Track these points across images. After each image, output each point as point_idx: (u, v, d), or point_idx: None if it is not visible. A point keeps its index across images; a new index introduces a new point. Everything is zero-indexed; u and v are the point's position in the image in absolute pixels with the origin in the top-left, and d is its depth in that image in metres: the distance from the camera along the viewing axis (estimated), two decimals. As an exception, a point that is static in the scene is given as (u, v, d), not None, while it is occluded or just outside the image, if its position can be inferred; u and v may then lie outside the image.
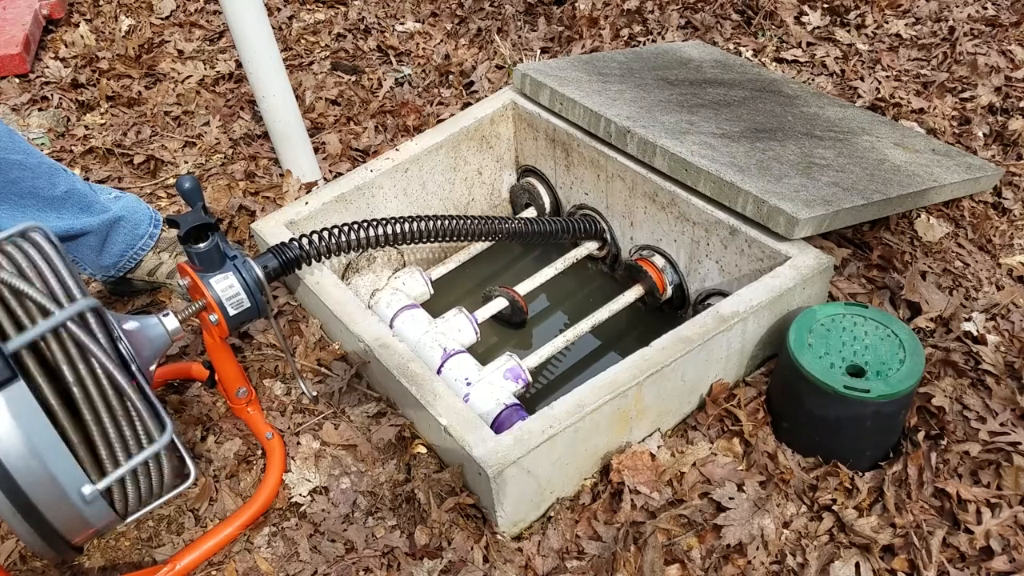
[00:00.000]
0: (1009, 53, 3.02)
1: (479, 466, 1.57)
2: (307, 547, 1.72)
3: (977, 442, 1.77)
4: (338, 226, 1.97)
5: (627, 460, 1.77)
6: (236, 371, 1.88)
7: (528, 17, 3.54)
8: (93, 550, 1.75)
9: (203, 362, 2.03)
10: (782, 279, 1.87)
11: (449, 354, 2.05)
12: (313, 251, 1.93)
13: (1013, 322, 2.03)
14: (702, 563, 1.64)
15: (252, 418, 1.94)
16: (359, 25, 3.57)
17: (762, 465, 1.79)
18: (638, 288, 2.29)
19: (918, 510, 1.68)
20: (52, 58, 3.40)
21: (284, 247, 1.88)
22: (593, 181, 2.40)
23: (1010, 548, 1.60)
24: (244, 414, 1.95)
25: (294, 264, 1.89)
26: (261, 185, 2.64)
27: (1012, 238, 2.31)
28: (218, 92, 3.21)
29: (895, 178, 2.10)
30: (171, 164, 2.87)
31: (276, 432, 1.91)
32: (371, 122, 2.93)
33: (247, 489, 1.85)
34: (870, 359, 1.73)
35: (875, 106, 2.82)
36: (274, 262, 1.85)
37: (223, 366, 1.86)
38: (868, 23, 3.27)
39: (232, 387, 1.89)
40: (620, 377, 1.70)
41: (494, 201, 2.73)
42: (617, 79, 2.51)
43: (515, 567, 1.66)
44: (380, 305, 2.24)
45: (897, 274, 2.15)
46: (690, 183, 2.07)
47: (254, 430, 1.93)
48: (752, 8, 3.39)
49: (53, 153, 2.93)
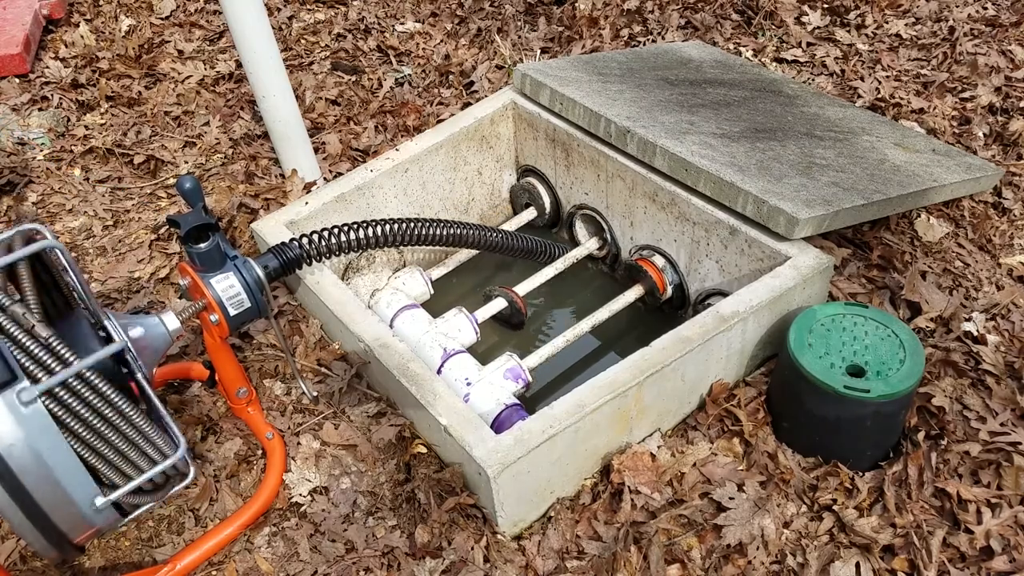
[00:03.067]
0: (1009, 53, 3.02)
1: (479, 466, 1.57)
2: (307, 547, 1.72)
3: (977, 442, 1.77)
4: (338, 226, 1.97)
5: (627, 460, 1.77)
6: (236, 371, 1.88)
7: (528, 17, 3.54)
8: (93, 550, 1.75)
9: (203, 362, 2.03)
10: (782, 279, 1.87)
11: (449, 354, 2.05)
12: (313, 251, 1.93)
13: (1013, 322, 2.03)
14: (702, 563, 1.64)
15: (252, 418, 1.94)
16: (359, 25, 3.57)
17: (762, 465, 1.79)
18: (638, 288, 2.29)
19: (918, 510, 1.68)
20: (52, 58, 3.40)
21: (284, 247, 1.88)
22: (593, 181, 2.40)
23: (1010, 548, 1.60)
24: (244, 414, 1.95)
25: (295, 264, 1.89)
26: (261, 186, 2.63)
27: (1012, 238, 2.31)
28: (218, 92, 3.21)
29: (895, 178, 2.10)
30: (171, 164, 2.87)
31: (276, 432, 1.91)
32: (371, 122, 2.93)
33: (247, 489, 1.85)
34: (870, 359, 1.73)
35: (875, 106, 2.82)
36: (275, 262, 1.85)
37: (223, 366, 1.85)
38: (868, 23, 3.27)
39: (232, 387, 1.89)
40: (620, 377, 1.70)
41: (494, 201, 2.73)
42: (617, 79, 2.51)
43: (515, 567, 1.66)
44: (380, 305, 2.24)
45: (897, 274, 2.15)
46: (690, 183, 2.07)
47: (254, 430, 1.93)
48: (752, 8, 3.39)
49: (53, 153, 2.93)
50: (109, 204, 2.73)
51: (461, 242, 2.15)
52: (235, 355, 1.89)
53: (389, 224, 2.02)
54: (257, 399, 1.97)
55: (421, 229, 2.06)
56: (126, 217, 2.67)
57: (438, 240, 2.10)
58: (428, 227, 2.07)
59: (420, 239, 2.07)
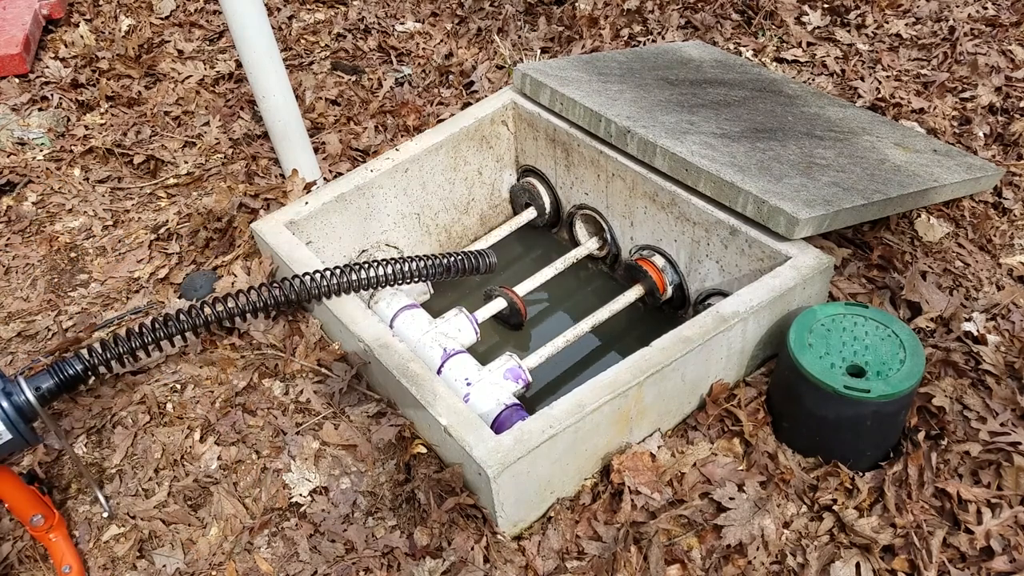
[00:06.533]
0: (1009, 53, 3.02)
1: (479, 466, 1.57)
2: (307, 547, 1.72)
3: (977, 442, 1.76)
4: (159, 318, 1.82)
5: (627, 460, 1.77)
6: (25, 498, 1.67)
7: (528, 17, 3.53)
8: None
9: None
10: (782, 279, 1.87)
11: (449, 354, 2.05)
12: (109, 356, 1.71)
13: (1013, 322, 2.03)
14: (702, 563, 1.64)
15: (54, 547, 1.72)
16: (359, 25, 3.57)
17: (762, 465, 1.79)
18: (638, 288, 2.29)
19: (918, 510, 1.67)
20: (52, 58, 3.40)
21: (64, 363, 1.67)
22: (593, 181, 2.40)
23: (1010, 548, 1.60)
24: (46, 541, 1.75)
25: (77, 380, 1.67)
26: (261, 186, 2.63)
27: (1012, 238, 2.31)
28: (218, 92, 3.21)
29: (895, 178, 2.10)
30: (171, 164, 2.87)
31: (79, 565, 1.73)
32: (371, 122, 2.93)
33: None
34: (870, 359, 1.73)
35: (875, 106, 2.82)
36: (49, 381, 1.62)
37: (8, 495, 1.65)
38: (868, 23, 3.27)
39: (25, 516, 1.69)
40: (620, 377, 1.70)
41: (494, 201, 2.73)
42: (617, 79, 2.51)
43: (515, 567, 1.65)
44: (380, 305, 2.24)
45: (897, 274, 2.15)
46: (690, 183, 2.07)
47: (54, 560, 1.72)
48: (752, 8, 3.39)
49: (53, 153, 2.93)
50: (109, 204, 2.73)
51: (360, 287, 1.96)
52: (20, 480, 1.68)
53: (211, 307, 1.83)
54: (62, 523, 1.77)
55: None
56: (126, 217, 2.67)
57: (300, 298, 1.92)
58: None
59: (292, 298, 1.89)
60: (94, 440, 1.97)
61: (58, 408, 2.02)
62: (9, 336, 2.27)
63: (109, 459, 1.92)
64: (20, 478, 1.67)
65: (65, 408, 2.02)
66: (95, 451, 1.95)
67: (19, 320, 2.33)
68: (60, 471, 1.92)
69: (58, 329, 2.27)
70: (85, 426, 1.98)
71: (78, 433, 1.97)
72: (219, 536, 1.77)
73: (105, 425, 1.99)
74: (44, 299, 2.40)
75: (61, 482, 1.90)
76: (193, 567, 1.73)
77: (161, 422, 1.99)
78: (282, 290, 1.91)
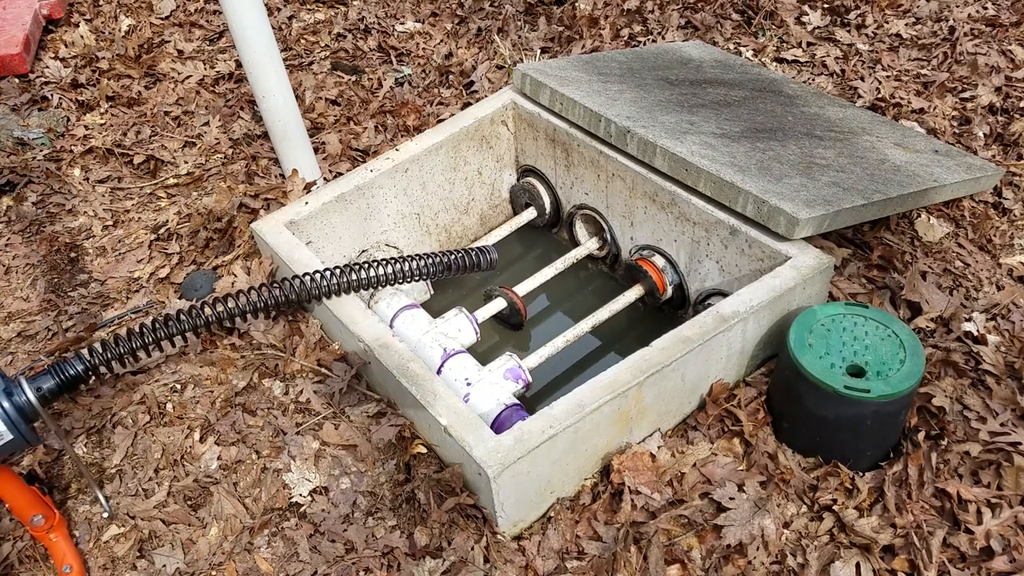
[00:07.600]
0: (1009, 53, 3.02)
1: (479, 466, 1.57)
2: (307, 547, 1.72)
3: (977, 442, 1.76)
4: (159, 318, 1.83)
5: (627, 460, 1.77)
6: (26, 498, 1.68)
7: (528, 17, 3.53)
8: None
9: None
10: (782, 279, 1.87)
11: (449, 354, 2.05)
12: (110, 356, 1.71)
13: (1013, 322, 2.03)
14: (702, 563, 1.64)
15: (54, 547, 1.73)
16: (359, 25, 3.57)
17: (762, 465, 1.79)
18: (638, 288, 2.29)
19: (918, 510, 1.67)
20: (52, 58, 3.40)
21: (65, 363, 1.67)
22: (593, 181, 2.40)
23: (1010, 548, 1.60)
24: (47, 541, 1.76)
25: (79, 380, 1.67)
26: (261, 186, 2.63)
27: (1012, 238, 2.31)
28: (218, 92, 3.21)
29: (895, 178, 2.10)
30: (171, 164, 2.87)
31: (79, 564, 1.74)
32: (371, 122, 2.93)
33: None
34: (870, 359, 1.73)
35: (875, 106, 2.82)
36: (50, 382, 1.62)
37: (8, 495, 1.66)
38: (868, 23, 3.27)
39: (25, 515, 1.69)
40: (620, 377, 1.70)
41: (494, 201, 2.73)
42: (617, 79, 2.51)
43: (515, 567, 1.65)
44: (380, 305, 2.24)
45: (897, 274, 2.15)
46: (690, 183, 2.07)
47: (55, 560, 1.73)
48: (752, 8, 3.39)
49: (53, 153, 2.93)
50: (109, 204, 2.73)
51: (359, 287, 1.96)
52: (21, 481, 1.69)
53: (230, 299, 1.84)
54: (62, 523, 1.77)
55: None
56: (126, 217, 2.67)
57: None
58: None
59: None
60: (94, 440, 1.97)
61: (58, 408, 2.02)
62: (9, 336, 2.28)
63: (109, 459, 1.93)
64: (20, 478, 1.67)
65: (65, 408, 2.02)
66: (95, 451, 1.95)
67: (19, 320, 2.33)
68: (60, 471, 1.93)
69: (58, 329, 2.27)
70: (85, 426, 1.98)
71: (78, 433, 1.97)
72: (219, 536, 1.77)
73: (105, 425, 1.99)
74: (44, 299, 2.40)
75: (61, 482, 1.90)
76: (193, 567, 1.73)
77: (161, 422, 1.99)
78: (282, 290, 1.91)
